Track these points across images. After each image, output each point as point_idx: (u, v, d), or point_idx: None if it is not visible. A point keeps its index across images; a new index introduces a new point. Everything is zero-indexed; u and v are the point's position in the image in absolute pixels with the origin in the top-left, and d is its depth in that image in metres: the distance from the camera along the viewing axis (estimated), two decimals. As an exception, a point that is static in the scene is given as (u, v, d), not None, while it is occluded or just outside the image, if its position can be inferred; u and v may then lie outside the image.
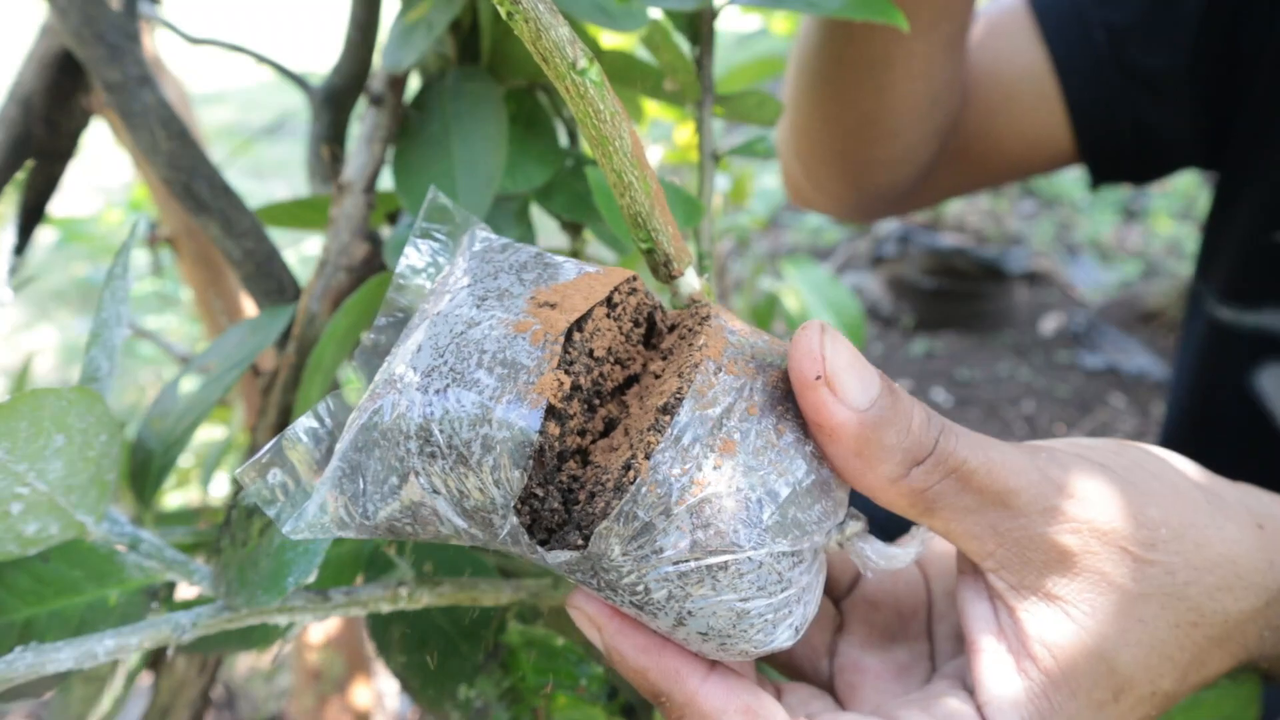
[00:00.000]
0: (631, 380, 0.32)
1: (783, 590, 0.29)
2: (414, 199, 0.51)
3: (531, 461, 0.28)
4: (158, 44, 1.07)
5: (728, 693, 0.31)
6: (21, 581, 0.39)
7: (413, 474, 0.29)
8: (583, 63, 0.29)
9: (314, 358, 0.46)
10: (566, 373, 0.30)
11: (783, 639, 0.31)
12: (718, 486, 0.28)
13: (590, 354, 0.31)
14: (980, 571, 0.33)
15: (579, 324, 0.30)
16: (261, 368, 0.57)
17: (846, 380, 0.29)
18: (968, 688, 0.34)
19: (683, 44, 0.50)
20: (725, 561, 0.28)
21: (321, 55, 4.34)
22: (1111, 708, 0.32)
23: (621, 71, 0.55)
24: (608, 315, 0.31)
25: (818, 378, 0.29)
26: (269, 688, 1.65)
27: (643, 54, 0.57)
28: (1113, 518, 0.31)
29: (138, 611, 0.40)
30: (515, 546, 0.30)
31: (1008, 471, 0.31)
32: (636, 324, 0.32)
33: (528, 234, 0.54)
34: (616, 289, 0.32)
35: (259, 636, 0.45)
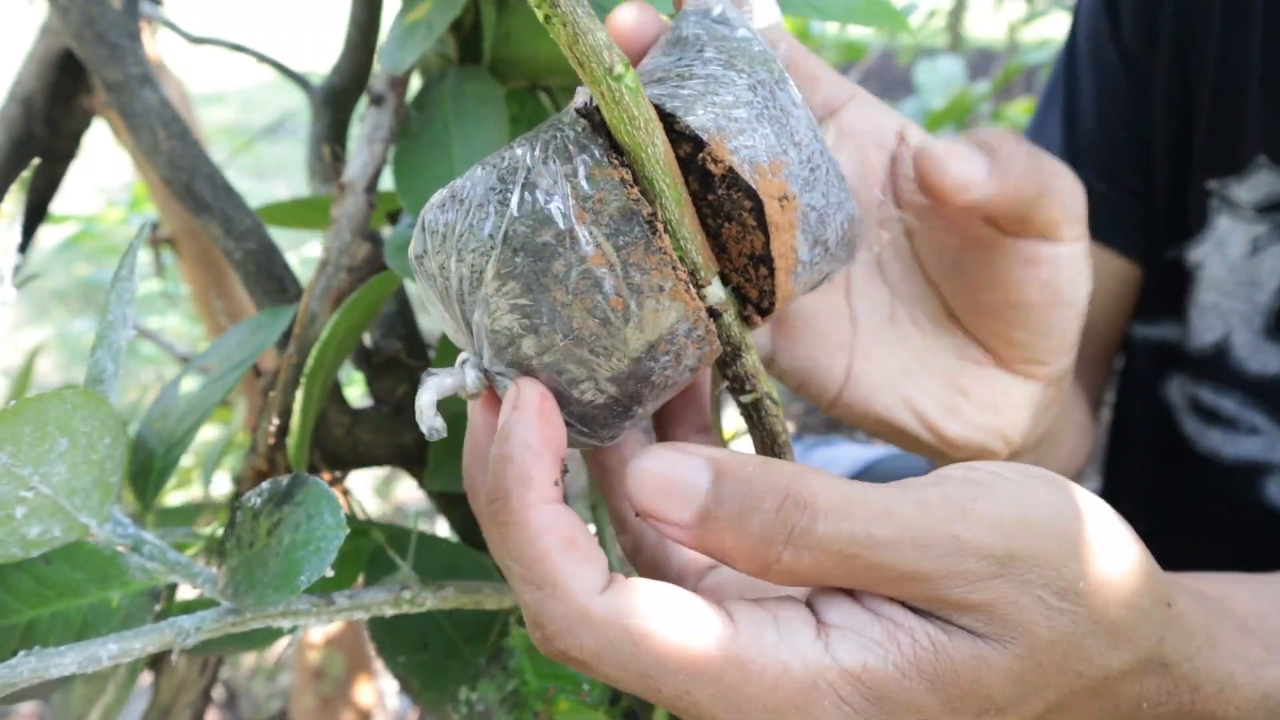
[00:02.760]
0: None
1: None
2: (414, 199, 0.51)
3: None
4: (159, 44, 1.07)
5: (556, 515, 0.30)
6: (24, 584, 0.39)
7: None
8: (619, 68, 0.29)
9: (315, 358, 0.46)
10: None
11: None
12: None
13: None
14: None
15: None
16: (262, 368, 0.57)
17: (663, 505, 0.29)
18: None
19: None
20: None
21: (321, 55, 4.33)
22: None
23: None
24: None
25: (636, 515, 0.30)
26: (270, 687, 1.65)
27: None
28: (1031, 568, 0.30)
29: (140, 614, 0.40)
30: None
31: (906, 548, 0.29)
32: None
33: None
34: None
35: (261, 638, 0.45)
